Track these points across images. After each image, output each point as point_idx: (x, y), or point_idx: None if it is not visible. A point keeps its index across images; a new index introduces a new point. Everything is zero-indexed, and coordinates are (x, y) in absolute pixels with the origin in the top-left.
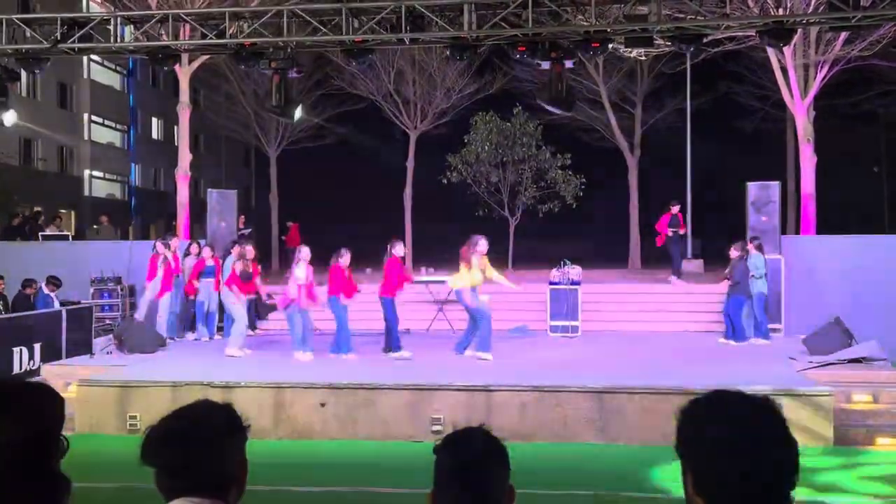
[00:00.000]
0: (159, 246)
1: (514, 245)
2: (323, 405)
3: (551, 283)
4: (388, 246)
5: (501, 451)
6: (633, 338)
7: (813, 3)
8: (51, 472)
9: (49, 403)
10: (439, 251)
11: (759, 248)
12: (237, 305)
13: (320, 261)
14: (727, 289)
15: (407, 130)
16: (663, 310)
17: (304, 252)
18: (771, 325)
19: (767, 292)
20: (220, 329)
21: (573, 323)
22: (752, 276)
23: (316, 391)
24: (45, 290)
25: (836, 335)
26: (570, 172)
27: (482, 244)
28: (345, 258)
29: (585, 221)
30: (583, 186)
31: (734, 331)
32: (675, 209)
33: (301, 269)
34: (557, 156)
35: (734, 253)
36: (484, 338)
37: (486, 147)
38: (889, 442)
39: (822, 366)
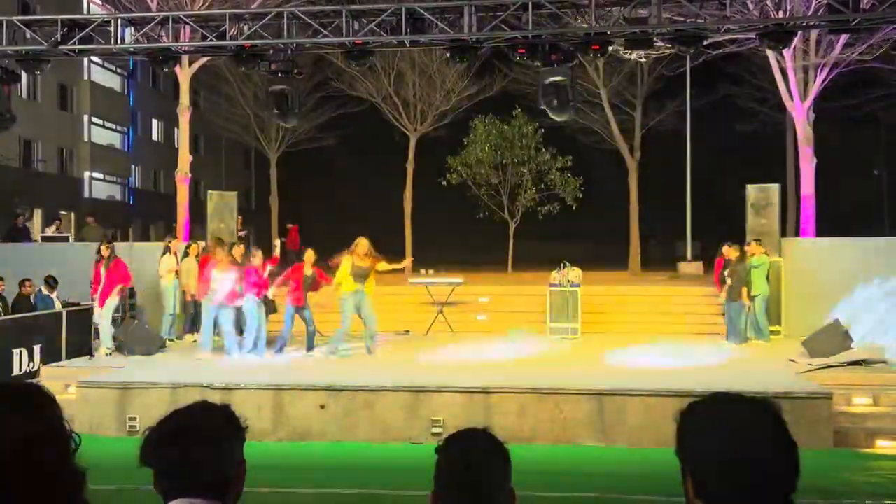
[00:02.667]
0: (103, 250)
1: (514, 247)
2: (322, 407)
3: (551, 285)
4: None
5: (503, 452)
6: (632, 340)
7: (813, 5)
8: (68, 466)
9: (51, 402)
10: (439, 253)
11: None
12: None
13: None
14: (727, 291)
15: (407, 132)
16: (663, 312)
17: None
18: (771, 327)
19: (769, 294)
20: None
21: (573, 325)
22: (754, 269)
23: (315, 393)
24: (44, 291)
25: (835, 338)
26: (570, 174)
27: (361, 245)
28: (256, 258)
29: (585, 223)
30: (582, 188)
31: (735, 333)
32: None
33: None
34: (558, 157)
35: (732, 255)
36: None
37: (486, 148)
38: (889, 444)
39: (821, 368)
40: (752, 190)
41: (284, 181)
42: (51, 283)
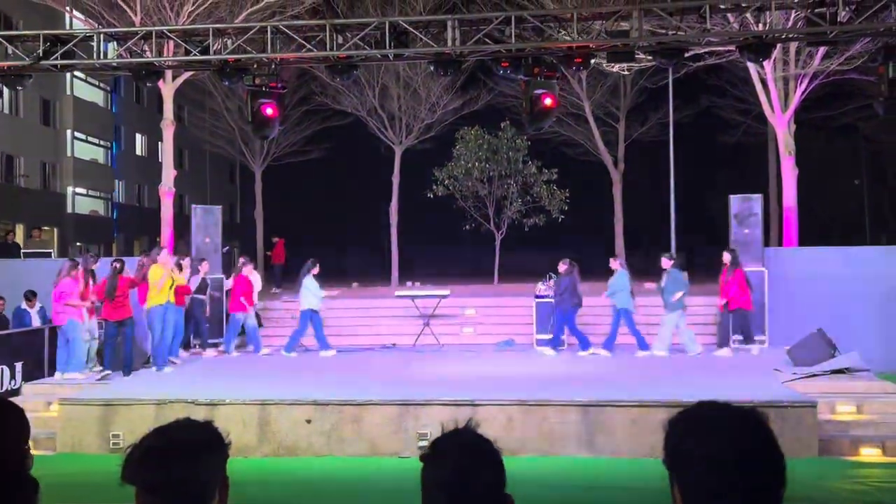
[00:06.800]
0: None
1: (500, 258)
2: (308, 422)
3: (537, 297)
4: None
5: (494, 453)
6: (618, 351)
7: (792, 18)
8: (21, 475)
9: (13, 414)
10: (425, 265)
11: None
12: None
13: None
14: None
15: (392, 145)
16: (648, 323)
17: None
18: (756, 337)
19: (630, 308)
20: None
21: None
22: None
23: (301, 407)
24: (23, 306)
25: (819, 346)
26: (556, 187)
27: (162, 255)
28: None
29: (571, 235)
30: (567, 200)
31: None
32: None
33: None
34: (543, 170)
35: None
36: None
37: (478, 154)
38: (873, 452)
39: (806, 377)
40: (735, 200)
41: (269, 195)
42: (29, 296)
